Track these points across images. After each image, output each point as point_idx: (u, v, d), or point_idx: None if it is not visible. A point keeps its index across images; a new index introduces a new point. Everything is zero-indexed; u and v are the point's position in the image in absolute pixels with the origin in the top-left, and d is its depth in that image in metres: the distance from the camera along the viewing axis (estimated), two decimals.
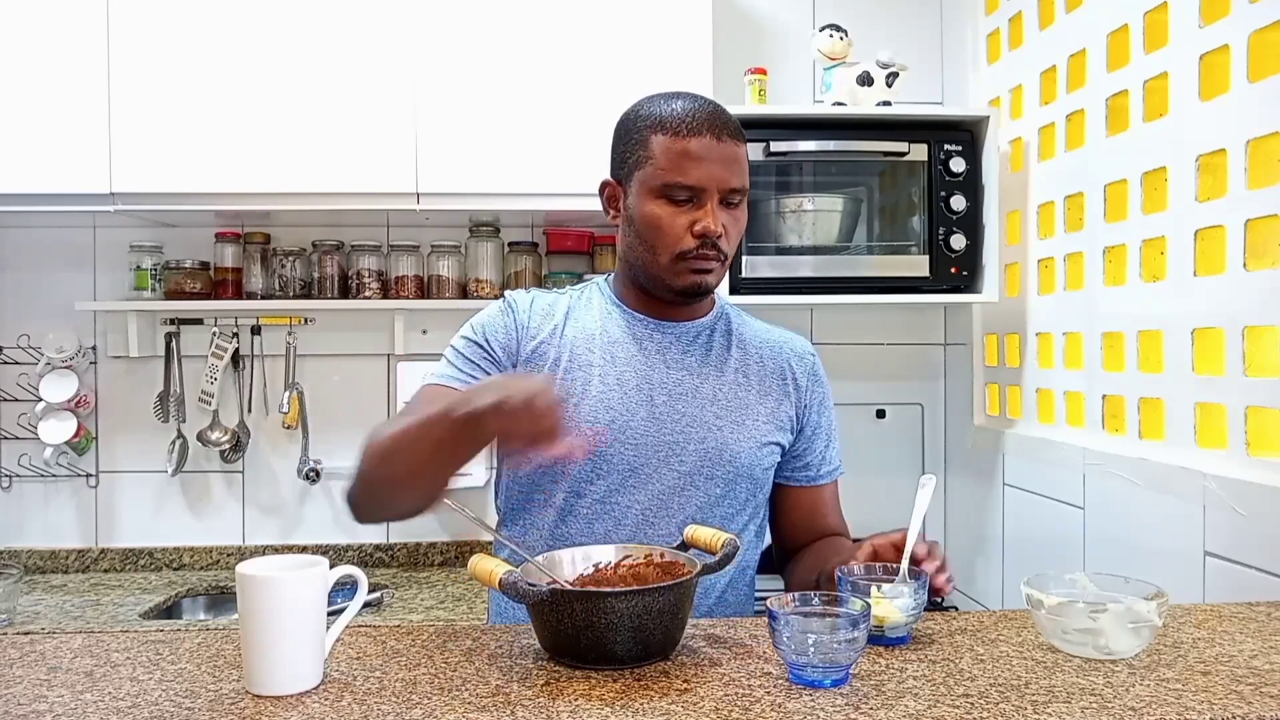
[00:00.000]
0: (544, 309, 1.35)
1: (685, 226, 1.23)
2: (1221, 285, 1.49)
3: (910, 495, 1.16)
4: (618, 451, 1.27)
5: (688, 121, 1.23)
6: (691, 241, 1.24)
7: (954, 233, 2.10)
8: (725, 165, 1.23)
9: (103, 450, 2.42)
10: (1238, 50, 1.46)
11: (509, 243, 2.41)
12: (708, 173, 1.22)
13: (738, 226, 1.28)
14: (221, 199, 2.12)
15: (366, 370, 2.44)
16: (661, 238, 1.25)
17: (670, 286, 1.28)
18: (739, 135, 1.27)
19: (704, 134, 1.22)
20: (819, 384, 1.41)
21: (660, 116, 1.25)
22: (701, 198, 1.23)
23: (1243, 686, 0.93)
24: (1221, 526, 1.48)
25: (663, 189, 1.24)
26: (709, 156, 1.22)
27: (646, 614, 0.95)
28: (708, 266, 1.26)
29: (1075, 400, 1.92)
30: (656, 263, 1.26)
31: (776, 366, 1.38)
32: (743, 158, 1.27)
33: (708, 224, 1.22)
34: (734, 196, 1.26)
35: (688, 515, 1.27)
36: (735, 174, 1.25)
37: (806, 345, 1.44)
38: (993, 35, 2.27)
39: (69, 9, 2.06)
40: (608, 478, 1.27)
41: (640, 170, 1.26)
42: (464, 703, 0.89)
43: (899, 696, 0.90)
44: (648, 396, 1.29)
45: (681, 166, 1.22)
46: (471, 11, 2.11)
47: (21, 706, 0.89)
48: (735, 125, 1.27)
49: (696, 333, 1.35)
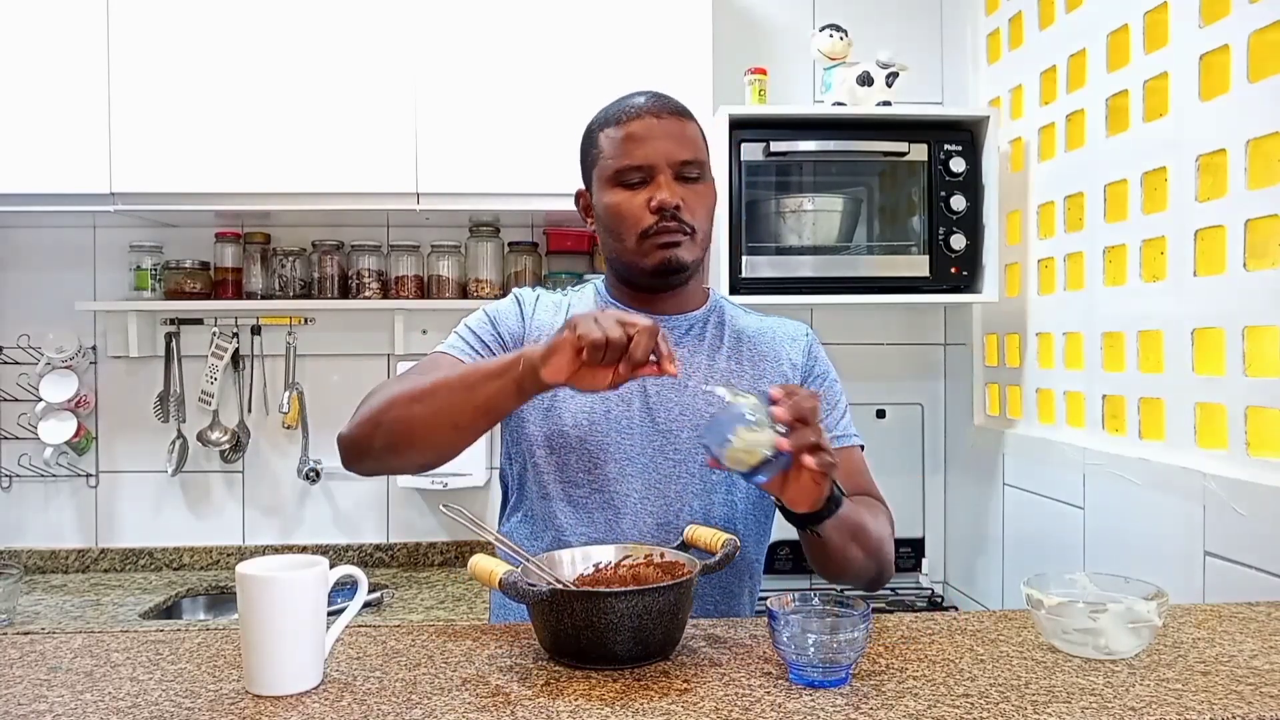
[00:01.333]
0: (548, 306, 1.38)
1: (642, 205, 1.26)
2: (1221, 285, 1.49)
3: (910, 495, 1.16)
4: (614, 441, 1.28)
5: (627, 109, 1.28)
6: (650, 218, 1.25)
7: (954, 233, 2.10)
8: (670, 139, 1.26)
9: (103, 450, 2.42)
10: (1238, 50, 1.46)
11: (509, 243, 2.41)
12: (652, 149, 1.25)
13: (702, 199, 1.29)
14: (221, 199, 2.12)
15: (366, 370, 2.44)
16: (623, 222, 1.27)
17: (644, 269, 1.29)
18: (683, 113, 1.30)
19: (643, 115, 1.27)
20: (816, 361, 1.39)
21: (605, 115, 1.31)
22: (653, 175, 1.26)
23: (1243, 686, 0.93)
24: (1221, 526, 1.48)
25: (615, 176, 1.27)
26: (651, 134, 1.26)
27: (646, 614, 0.95)
28: (673, 240, 1.26)
29: (1075, 400, 1.92)
30: (625, 248, 1.29)
31: (770, 351, 1.37)
32: (691, 133, 1.29)
33: (662, 196, 1.24)
34: (689, 170, 1.27)
35: (685, 502, 1.27)
36: (683, 147, 1.27)
37: (801, 327, 1.42)
38: (993, 35, 2.27)
39: (69, 9, 2.06)
40: (604, 467, 1.28)
41: (596, 167, 1.31)
42: (464, 703, 0.89)
43: (899, 696, 0.90)
44: (640, 386, 1.30)
45: (627, 150, 1.26)
46: (471, 12, 2.11)
47: (21, 706, 0.89)
48: (678, 105, 1.30)
49: (689, 324, 1.36)
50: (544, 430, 1.30)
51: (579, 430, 1.28)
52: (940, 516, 2.52)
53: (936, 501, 2.52)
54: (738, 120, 2.08)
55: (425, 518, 2.45)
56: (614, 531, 1.26)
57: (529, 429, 1.31)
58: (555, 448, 1.29)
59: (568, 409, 1.29)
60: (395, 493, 2.45)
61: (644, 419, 1.29)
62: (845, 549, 1.18)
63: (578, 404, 1.29)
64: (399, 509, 2.46)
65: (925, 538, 2.49)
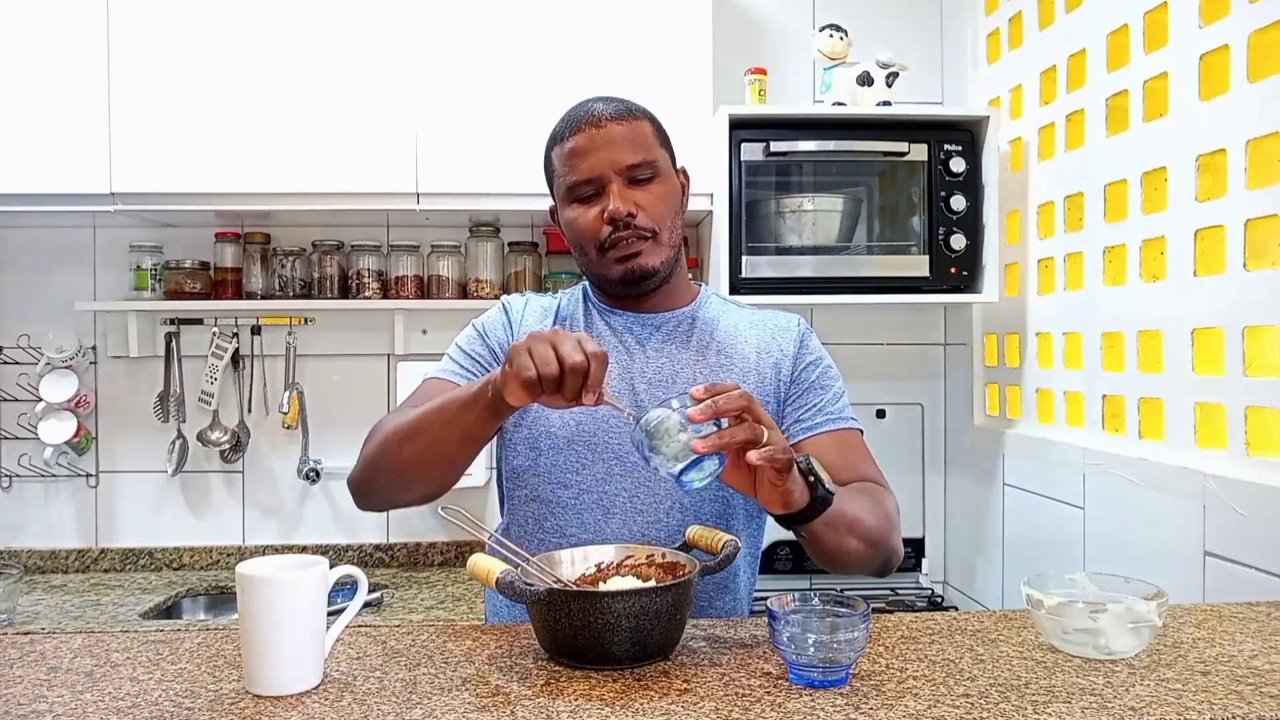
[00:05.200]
0: (536, 311, 1.39)
1: (597, 217, 1.26)
2: (1221, 285, 1.49)
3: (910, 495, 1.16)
4: (603, 440, 1.28)
5: (569, 125, 1.28)
6: (605, 229, 1.25)
7: (954, 233, 2.10)
8: (613, 147, 1.25)
9: (103, 450, 2.42)
10: (1238, 50, 1.46)
11: (509, 243, 2.41)
12: (596, 160, 1.25)
13: (659, 199, 1.27)
14: (221, 199, 2.12)
15: (366, 370, 2.44)
16: (582, 237, 1.28)
17: (610, 279, 1.30)
18: (626, 114, 1.28)
19: (582, 129, 1.26)
20: (807, 349, 1.36)
21: (554, 131, 1.32)
22: (604, 186, 1.26)
23: (1243, 686, 0.93)
24: (1221, 526, 1.48)
25: (569, 193, 1.28)
26: (592, 146, 1.25)
27: (644, 614, 0.95)
28: (633, 249, 1.26)
29: (1075, 400, 1.92)
30: (590, 261, 1.30)
31: (760, 344, 1.35)
32: (637, 133, 1.27)
33: (611, 207, 1.24)
34: (640, 172, 1.26)
35: (675, 500, 1.27)
36: (628, 150, 1.25)
37: (794, 318, 1.40)
38: (993, 35, 2.27)
39: (69, 9, 2.06)
40: (593, 467, 1.27)
41: (553, 185, 1.32)
42: (464, 703, 0.89)
43: (899, 696, 0.90)
44: (629, 385, 1.30)
45: (573, 166, 1.27)
46: (471, 12, 2.11)
47: (21, 706, 0.89)
48: (621, 106, 1.28)
49: (677, 322, 1.35)
50: (533, 432, 1.30)
51: (566, 431, 1.28)
52: (940, 516, 2.52)
53: (936, 501, 2.52)
54: (738, 120, 2.08)
55: (425, 518, 2.45)
56: (603, 532, 1.26)
57: (519, 431, 1.31)
58: (544, 449, 1.29)
59: (555, 410, 1.28)
60: None
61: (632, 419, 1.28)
62: (841, 544, 1.14)
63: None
64: (399, 509, 2.45)
65: (925, 538, 2.49)
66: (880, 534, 1.19)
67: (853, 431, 1.33)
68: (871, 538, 1.17)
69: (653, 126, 1.30)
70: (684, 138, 1.42)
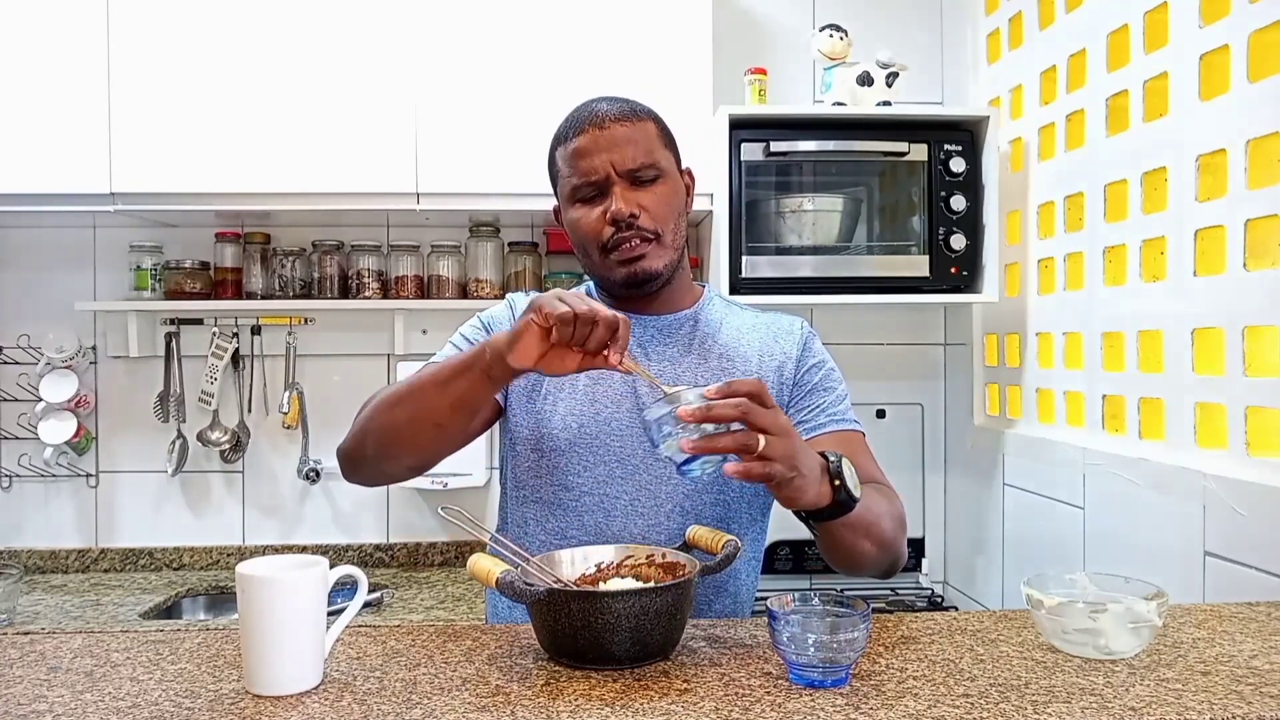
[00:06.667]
0: None
1: (599, 218, 1.26)
2: (1221, 285, 1.49)
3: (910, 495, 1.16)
4: (604, 443, 1.27)
5: (572, 125, 1.28)
6: (608, 230, 1.25)
7: (954, 233, 2.10)
8: (616, 148, 1.25)
9: (103, 450, 2.42)
10: (1238, 50, 1.46)
11: (509, 243, 2.41)
12: (600, 161, 1.24)
13: (662, 200, 1.27)
14: (221, 199, 2.12)
15: (366, 370, 2.44)
16: (585, 238, 1.28)
17: (613, 281, 1.30)
18: (631, 115, 1.27)
19: (586, 129, 1.26)
20: (810, 352, 1.36)
21: (557, 132, 1.31)
22: (607, 187, 1.25)
23: (1243, 686, 0.93)
24: (1221, 526, 1.48)
25: (572, 195, 1.28)
26: (595, 147, 1.25)
27: (644, 615, 0.95)
28: (636, 251, 1.26)
29: (1075, 400, 1.92)
30: (594, 263, 1.30)
31: (763, 346, 1.35)
32: (641, 135, 1.26)
33: (615, 208, 1.24)
34: (644, 173, 1.26)
35: (676, 503, 1.27)
36: (631, 152, 1.25)
37: (797, 321, 1.40)
38: (993, 35, 2.27)
39: (69, 9, 2.06)
40: (595, 469, 1.27)
41: (557, 187, 1.32)
42: (464, 703, 0.89)
43: (899, 696, 0.90)
44: (631, 388, 1.29)
45: (577, 167, 1.26)
46: (471, 12, 2.11)
47: (21, 706, 0.89)
48: (625, 107, 1.28)
49: (679, 324, 1.35)
50: (535, 433, 1.29)
51: (568, 433, 1.28)
52: (940, 516, 2.52)
53: (936, 501, 2.52)
54: (737, 120, 2.08)
55: (425, 518, 2.45)
56: (604, 534, 1.26)
57: (520, 432, 1.31)
58: (546, 450, 1.29)
59: (557, 411, 1.29)
60: (395, 493, 2.45)
61: (634, 421, 1.28)
62: (856, 545, 1.15)
63: (567, 406, 1.29)
64: (399, 509, 2.46)
65: (925, 538, 2.49)
66: (892, 538, 1.20)
67: (855, 434, 1.34)
68: (884, 541, 1.18)
69: (657, 127, 1.30)
70: (684, 138, 1.42)
